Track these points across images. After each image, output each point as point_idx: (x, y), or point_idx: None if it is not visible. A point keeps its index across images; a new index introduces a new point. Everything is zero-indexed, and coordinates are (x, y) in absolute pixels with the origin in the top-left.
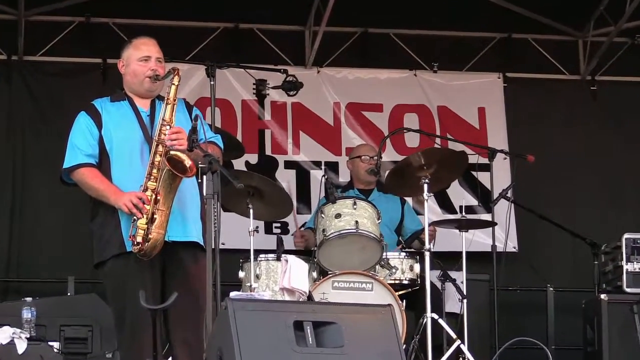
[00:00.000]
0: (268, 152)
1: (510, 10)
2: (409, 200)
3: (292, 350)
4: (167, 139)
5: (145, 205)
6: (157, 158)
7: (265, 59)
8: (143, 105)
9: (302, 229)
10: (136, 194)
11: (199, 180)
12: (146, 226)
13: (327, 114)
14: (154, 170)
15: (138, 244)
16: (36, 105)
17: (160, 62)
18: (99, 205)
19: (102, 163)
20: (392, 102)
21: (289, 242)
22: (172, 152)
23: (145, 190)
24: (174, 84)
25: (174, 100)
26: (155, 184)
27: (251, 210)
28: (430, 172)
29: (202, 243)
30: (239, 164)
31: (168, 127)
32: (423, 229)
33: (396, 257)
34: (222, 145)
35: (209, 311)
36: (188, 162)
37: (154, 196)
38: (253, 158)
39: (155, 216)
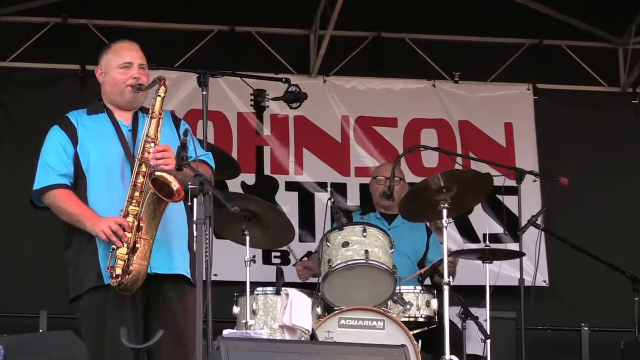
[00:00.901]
0: (267, 171)
1: (542, 14)
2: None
3: None
4: (151, 157)
5: (126, 233)
6: (140, 179)
7: (265, 66)
8: (124, 119)
9: (305, 259)
10: (116, 220)
11: (189, 203)
12: (127, 256)
13: (334, 129)
14: (136, 193)
15: (117, 276)
16: (5, 116)
17: (143, 69)
18: (73, 232)
19: (78, 184)
20: (408, 116)
21: (289, 273)
22: (157, 173)
23: (126, 215)
24: (159, 96)
25: (160, 113)
26: (137, 208)
27: (247, 238)
28: (451, 196)
29: (189, 276)
30: (234, 185)
31: (152, 144)
32: (441, 260)
33: (411, 292)
34: (213, 164)
35: (199, 351)
36: (175, 185)
37: (136, 222)
38: (250, 178)
39: (137, 245)
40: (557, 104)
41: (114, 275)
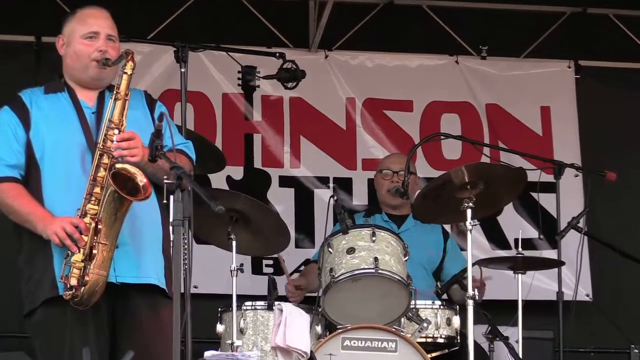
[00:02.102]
0: (258, 164)
1: None
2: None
3: None
4: (114, 147)
5: (82, 236)
6: (101, 173)
7: (256, 38)
8: (87, 99)
9: (296, 275)
10: (71, 220)
11: (164, 201)
12: (83, 264)
13: (338, 114)
14: (96, 189)
15: (72, 287)
16: None
17: (112, 41)
18: (24, 235)
19: (30, 177)
20: (426, 99)
21: (284, 285)
22: (118, 166)
23: (84, 215)
24: (125, 73)
25: (126, 94)
26: (96, 207)
27: (234, 243)
28: (476, 194)
29: (163, 286)
30: (218, 181)
31: (116, 131)
32: (465, 270)
33: (429, 307)
34: (194, 155)
35: None
36: (141, 180)
37: (93, 224)
38: (237, 172)
39: (94, 251)
40: (604, 84)
41: (68, 287)
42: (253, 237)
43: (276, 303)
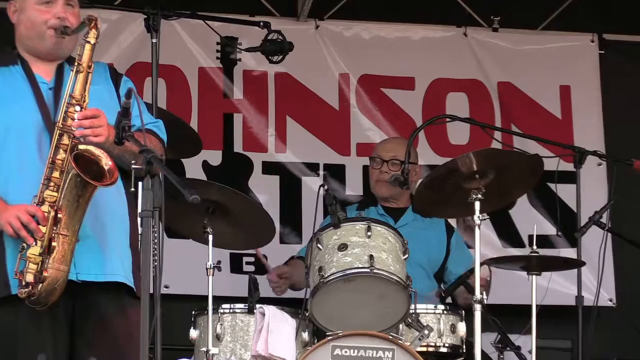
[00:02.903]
0: (238, 148)
1: None
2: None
3: None
4: (75, 125)
5: (40, 227)
6: (61, 155)
7: (237, 6)
8: (44, 73)
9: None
10: (27, 209)
11: (132, 189)
12: (40, 258)
13: (330, 92)
14: (55, 174)
15: (27, 285)
16: None
17: (71, 6)
18: None
19: None
20: (430, 76)
21: (267, 285)
22: (81, 147)
23: (42, 203)
24: (88, 42)
25: (89, 66)
26: (56, 194)
27: (210, 237)
28: (486, 184)
29: (132, 285)
30: (193, 166)
31: (78, 107)
32: (472, 270)
33: (431, 312)
34: (165, 137)
35: None
36: (106, 163)
37: (52, 213)
38: (215, 157)
39: (53, 244)
40: (631, 60)
41: (23, 284)
42: (232, 231)
43: (258, 306)
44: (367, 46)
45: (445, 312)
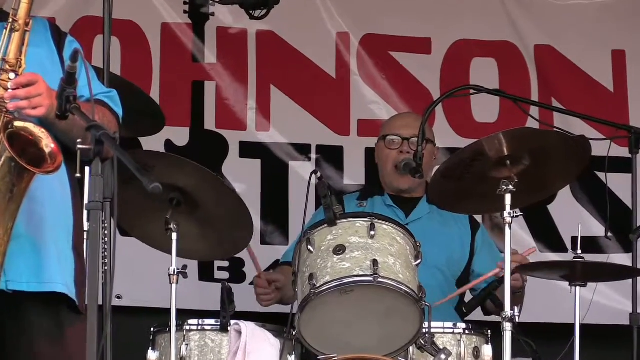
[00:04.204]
0: (210, 124)
1: None
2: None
3: None
4: (8, 96)
5: None
6: None
7: None
8: None
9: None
10: None
11: (77, 175)
12: None
13: (325, 56)
14: None
15: None
16: None
17: None
18: None
19: None
20: (450, 36)
21: (244, 295)
22: (17, 124)
23: None
24: None
25: (26, 23)
26: None
27: (174, 236)
28: (519, 172)
29: (73, 297)
30: (153, 146)
31: (13, 74)
32: (500, 280)
33: (449, 332)
34: (120, 111)
35: None
36: (48, 145)
37: None
38: (181, 135)
39: None
40: None
41: None
42: (201, 229)
43: (233, 322)
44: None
45: (467, 331)
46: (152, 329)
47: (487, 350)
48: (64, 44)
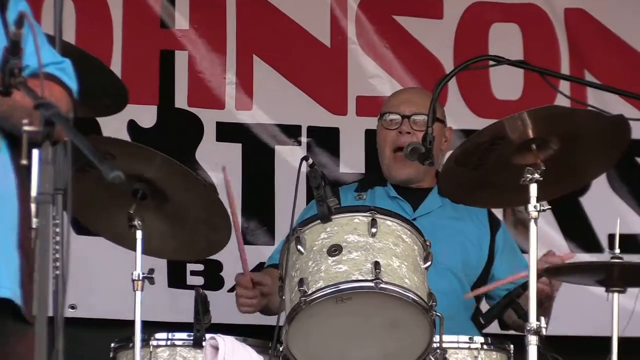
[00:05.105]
0: (181, 102)
1: None
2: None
3: None
4: None
5: None
6: None
7: None
8: None
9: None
10: None
11: (23, 162)
12: None
13: (318, 21)
14: None
15: None
16: None
17: None
18: None
19: None
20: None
21: (223, 304)
22: None
23: None
24: None
25: None
26: None
27: (139, 234)
28: (546, 158)
29: (20, 304)
30: (114, 128)
31: None
32: (524, 286)
33: (464, 347)
34: (74, 85)
35: None
36: None
37: None
38: (147, 115)
39: None
40: None
41: None
42: (171, 226)
43: (208, 335)
44: None
45: (485, 346)
46: (112, 345)
47: None
48: (8, 6)
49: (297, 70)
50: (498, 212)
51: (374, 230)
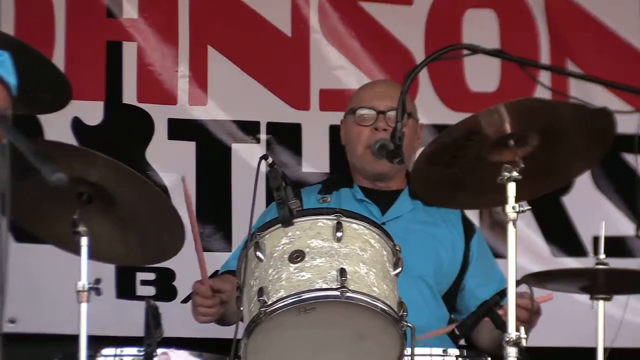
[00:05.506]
0: (130, 98)
1: None
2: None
3: None
4: None
5: None
6: None
7: None
8: None
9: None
10: None
11: None
12: None
13: (279, 9)
14: None
15: None
16: None
17: None
18: None
19: None
20: None
21: (176, 317)
22: None
23: None
24: None
25: None
26: None
27: (84, 240)
28: (525, 155)
29: None
30: (57, 126)
31: None
32: (502, 294)
33: (437, 359)
34: (12, 80)
35: None
36: None
37: None
38: (92, 112)
39: None
40: None
41: None
42: (119, 232)
43: (160, 351)
44: None
45: (460, 358)
46: None
47: None
48: None
49: (255, 61)
50: (474, 214)
51: (339, 234)
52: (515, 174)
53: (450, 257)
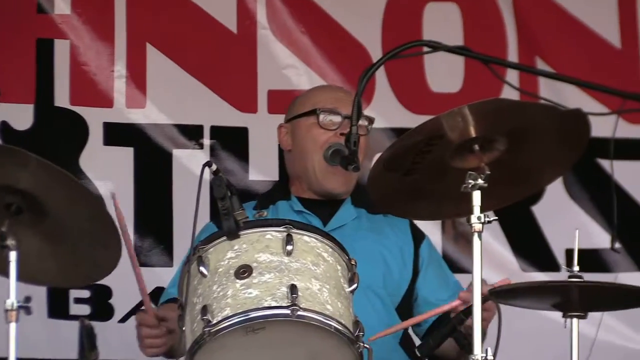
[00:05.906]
0: (62, 100)
1: None
2: (426, 228)
3: None
4: None
5: None
6: None
7: None
8: None
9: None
10: None
11: None
12: None
13: (222, 3)
14: None
15: None
16: None
17: None
18: None
19: None
20: None
21: (112, 338)
22: None
23: None
24: None
25: None
26: None
27: (13, 255)
28: (492, 160)
29: None
30: None
31: None
32: (467, 312)
33: None
34: None
35: None
36: None
37: None
38: (22, 115)
39: None
40: None
41: None
42: (51, 247)
43: None
44: None
45: None
46: None
47: None
48: None
49: (198, 60)
50: (436, 226)
51: (289, 247)
52: (480, 181)
53: (400, 265)
